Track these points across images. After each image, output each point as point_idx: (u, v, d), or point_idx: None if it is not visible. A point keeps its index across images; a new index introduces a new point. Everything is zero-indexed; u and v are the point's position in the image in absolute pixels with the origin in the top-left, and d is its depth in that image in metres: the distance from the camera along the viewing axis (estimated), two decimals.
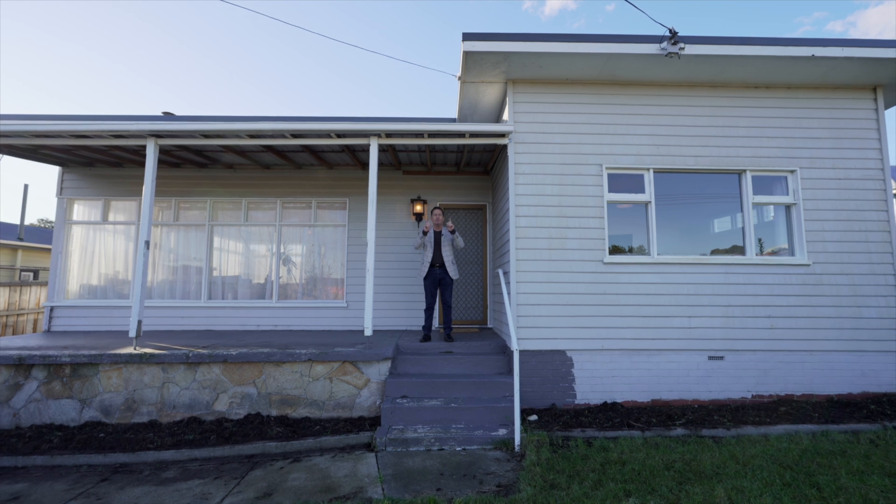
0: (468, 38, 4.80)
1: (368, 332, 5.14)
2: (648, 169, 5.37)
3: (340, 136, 5.44)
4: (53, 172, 7.39)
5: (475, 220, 7.48)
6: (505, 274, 5.50)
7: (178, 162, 7.02)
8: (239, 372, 4.79)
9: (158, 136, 5.29)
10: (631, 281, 5.19)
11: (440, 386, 4.74)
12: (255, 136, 5.39)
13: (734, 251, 5.43)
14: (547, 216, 5.25)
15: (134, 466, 3.84)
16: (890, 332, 5.18)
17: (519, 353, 4.21)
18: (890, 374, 5.14)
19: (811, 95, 5.51)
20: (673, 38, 4.66)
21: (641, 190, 5.38)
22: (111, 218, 7.29)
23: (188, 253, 7.29)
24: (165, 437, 4.27)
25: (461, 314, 7.24)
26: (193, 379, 4.75)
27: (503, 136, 5.35)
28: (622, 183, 5.40)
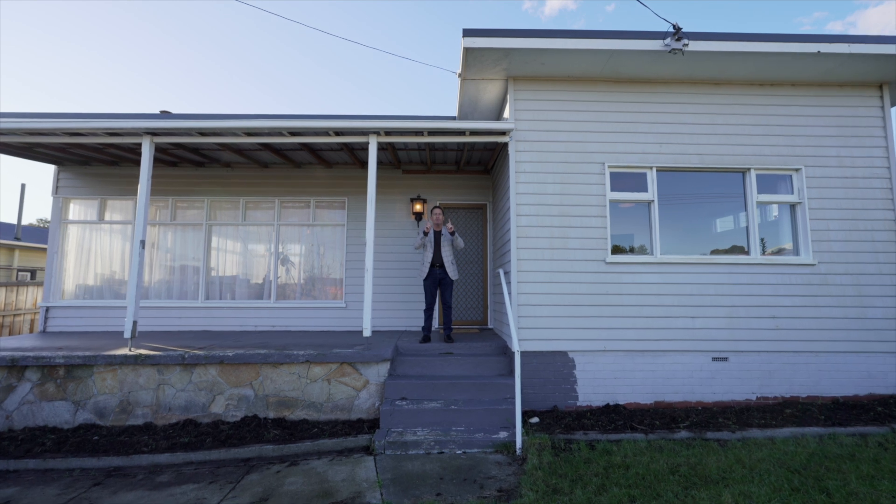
0: (469, 34, 4.73)
1: (367, 332, 5.06)
2: (651, 167, 5.29)
3: (339, 133, 5.36)
4: (51, 172, 7.32)
5: (475, 219, 7.40)
6: (506, 274, 5.42)
7: (175, 161, 6.94)
8: (236, 373, 4.71)
9: (154, 133, 5.21)
10: (633, 281, 5.12)
11: (440, 388, 4.67)
12: (252, 133, 5.31)
13: (738, 251, 5.35)
14: (548, 215, 5.17)
15: (128, 470, 3.77)
16: None
17: (520, 354, 4.13)
18: None
19: (816, 93, 5.44)
20: (677, 34, 4.58)
21: (644, 189, 5.31)
22: (107, 217, 7.21)
23: (185, 253, 7.21)
24: (160, 439, 4.20)
25: (461, 314, 7.16)
26: (189, 380, 4.68)
27: (504, 133, 5.27)
28: (625, 181, 5.32)
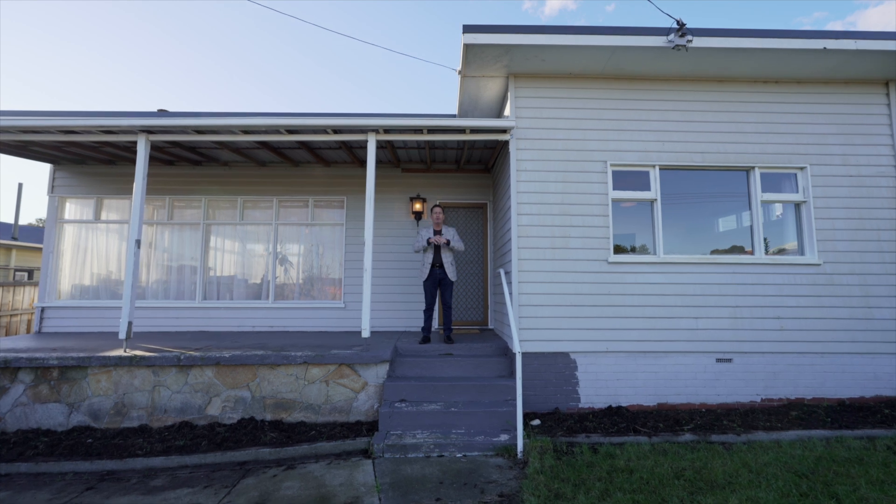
0: (469, 30, 4.65)
1: (366, 333, 4.99)
2: (654, 166, 5.22)
3: (337, 131, 5.28)
4: (49, 171, 7.25)
5: (475, 218, 7.32)
6: (507, 274, 5.35)
7: (172, 160, 6.87)
8: (232, 375, 4.64)
9: (149, 131, 5.13)
10: (636, 281, 5.04)
11: (440, 389, 4.60)
12: (248, 131, 5.23)
13: (742, 251, 5.27)
14: (550, 214, 5.10)
15: (121, 474, 3.70)
16: None
17: (521, 355, 4.06)
18: None
19: (821, 90, 5.36)
20: (680, 29, 4.50)
21: (647, 187, 5.23)
22: (104, 217, 7.14)
23: (183, 252, 7.14)
24: (155, 442, 4.12)
25: (461, 315, 7.09)
26: (185, 382, 4.60)
27: (505, 131, 5.20)
28: (627, 180, 5.25)
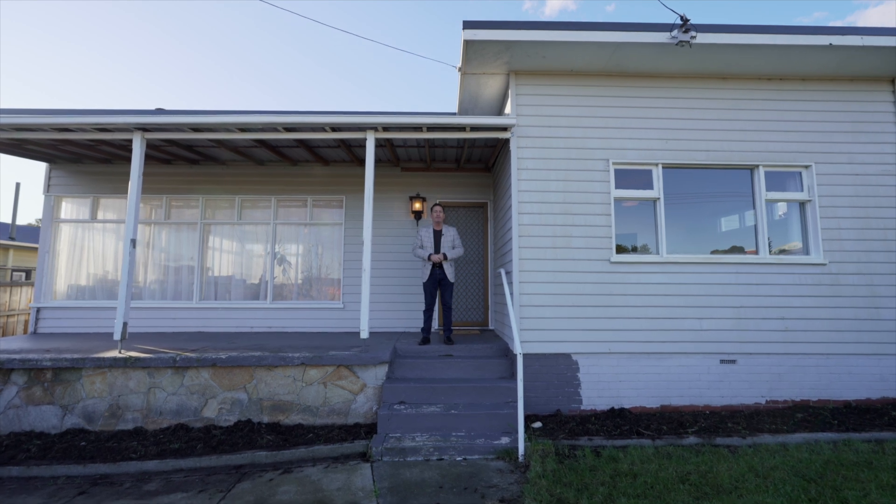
0: (469, 26, 4.58)
1: (364, 334, 4.92)
2: (657, 164, 5.14)
3: (335, 129, 5.21)
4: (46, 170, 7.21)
5: (476, 218, 7.25)
6: (507, 274, 5.27)
7: (169, 158, 6.79)
8: (229, 376, 4.57)
9: (145, 129, 5.06)
10: (639, 281, 4.97)
11: (440, 391, 4.52)
12: (245, 129, 5.16)
13: (742, 251, 5.20)
14: (551, 213, 5.02)
15: (115, 478, 3.62)
16: None
17: (522, 356, 3.98)
18: None
19: (826, 87, 5.29)
20: (684, 25, 4.43)
21: (650, 186, 5.16)
22: (100, 216, 7.06)
23: (180, 252, 7.07)
24: (150, 445, 4.05)
25: (461, 315, 7.01)
26: (181, 384, 4.53)
27: (505, 129, 5.13)
28: (630, 179, 5.18)
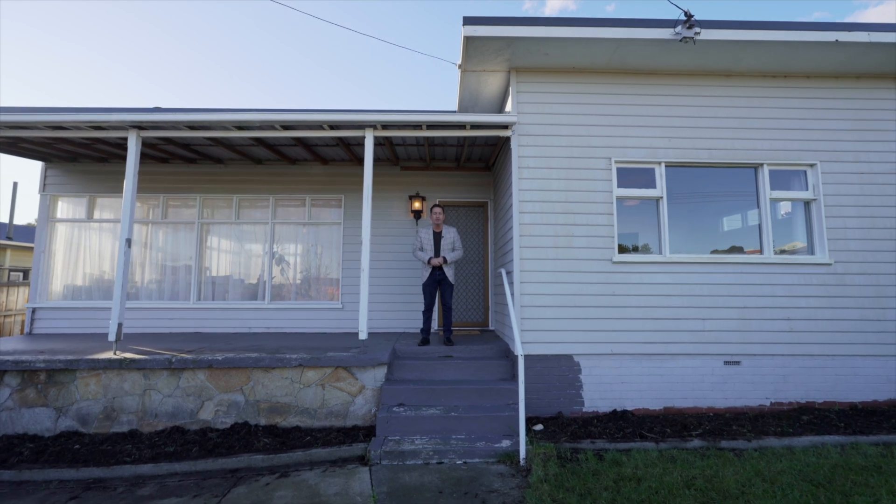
0: (469, 22, 4.51)
1: (363, 335, 4.85)
2: (660, 162, 5.07)
3: (333, 127, 5.14)
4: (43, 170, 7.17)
5: (476, 217, 7.18)
6: (508, 274, 5.20)
7: (165, 157, 6.72)
8: (225, 378, 4.49)
9: (140, 127, 4.99)
10: (642, 281, 4.90)
11: (439, 393, 4.45)
12: (242, 127, 5.09)
13: (744, 251, 5.13)
14: (553, 212, 4.95)
15: (108, 482, 3.55)
16: None
17: (523, 357, 3.91)
18: None
19: (832, 85, 5.22)
20: (688, 21, 4.36)
21: (652, 185, 5.09)
22: (97, 215, 6.99)
23: (177, 252, 6.99)
24: (145, 448, 3.98)
25: (461, 316, 6.94)
26: (177, 386, 4.46)
27: (506, 127, 5.05)
28: (632, 177, 5.10)
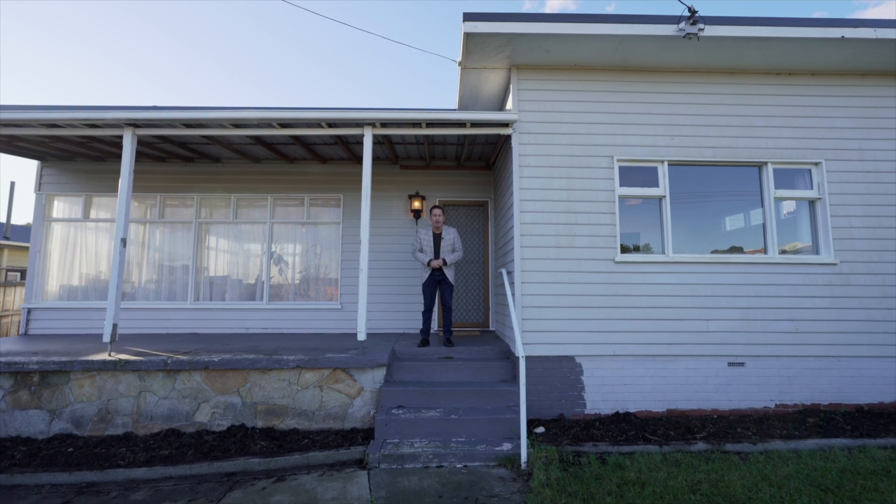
0: (469, 18, 4.44)
1: (362, 336, 4.78)
2: (663, 161, 5.01)
3: (332, 125, 5.07)
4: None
5: (476, 217, 7.11)
6: (509, 274, 5.13)
7: (162, 156, 6.65)
8: (222, 380, 4.43)
9: (136, 125, 4.92)
10: (644, 282, 4.83)
11: (439, 395, 4.38)
12: (239, 125, 5.02)
13: (744, 251, 5.06)
14: (554, 212, 4.88)
15: (101, 486, 3.48)
16: None
17: (524, 358, 3.84)
18: None
19: (837, 82, 5.15)
20: (692, 17, 4.29)
21: (655, 184, 5.02)
22: (93, 215, 6.92)
23: (174, 252, 6.92)
24: (139, 451, 3.91)
25: (462, 316, 6.87)
26: (172, 387, 4.39)
27: (507, 125, 4.99)
28: (635, 176, 5.04)
